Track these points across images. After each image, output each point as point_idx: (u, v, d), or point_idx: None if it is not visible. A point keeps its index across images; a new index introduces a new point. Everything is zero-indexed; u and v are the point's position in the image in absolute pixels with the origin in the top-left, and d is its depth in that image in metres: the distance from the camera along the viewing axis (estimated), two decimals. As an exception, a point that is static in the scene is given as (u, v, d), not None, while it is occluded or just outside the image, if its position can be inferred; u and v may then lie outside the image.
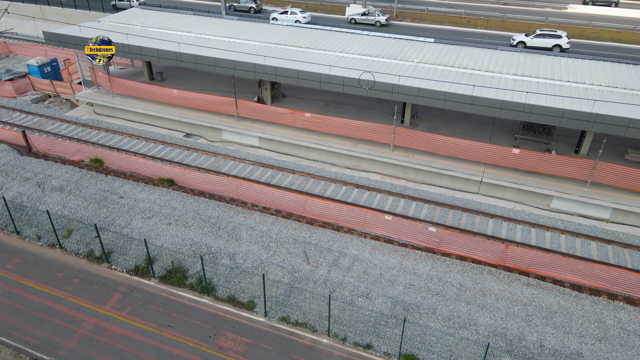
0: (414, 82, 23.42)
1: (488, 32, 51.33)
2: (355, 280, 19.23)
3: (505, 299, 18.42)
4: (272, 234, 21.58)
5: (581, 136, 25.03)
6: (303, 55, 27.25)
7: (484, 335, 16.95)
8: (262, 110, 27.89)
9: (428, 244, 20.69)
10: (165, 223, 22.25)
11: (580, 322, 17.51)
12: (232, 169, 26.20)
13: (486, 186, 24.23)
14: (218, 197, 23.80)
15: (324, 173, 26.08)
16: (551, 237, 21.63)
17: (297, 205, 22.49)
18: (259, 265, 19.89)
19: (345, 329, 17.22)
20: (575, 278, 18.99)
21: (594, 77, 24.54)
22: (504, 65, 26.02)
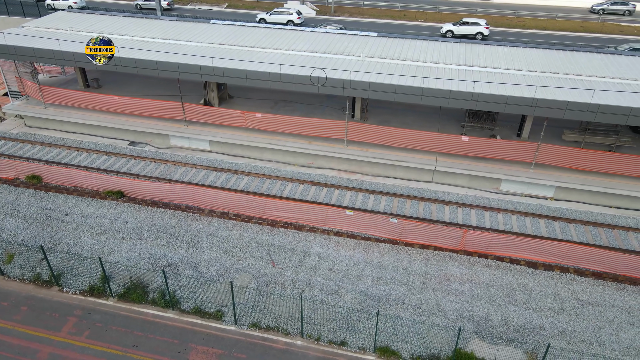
0: (364, 77, 23.63)
1: (424, 25, 52.88)
2: (323, 278, 19.17)
3: (468, 282, 19.07)
4: (234, 239, 21.06)
5: (522, 120, 26.33)
6: (249, 54, 26.72)
7: (453, 320, 17.45)
8: (211, 113, 27.11)
9: (390, 236, 20.99)
10: (119, 238, 21.10)
11: (539, 297, 18.45)
12: (185, 176, 25.29)
13: (439, 174, 24.94)
14: (173, 206, 22.89)
15: (280, 173, 25.78)
16: (504, 219, 22.63)
17: (257, 208, 22.06)
18: (224, 273, 19.34)
19: (318, 329, 17.12)
20: (530, 256, 19.98)
21: (530, 63, 25.83)
22: (447, 56, 26.82)
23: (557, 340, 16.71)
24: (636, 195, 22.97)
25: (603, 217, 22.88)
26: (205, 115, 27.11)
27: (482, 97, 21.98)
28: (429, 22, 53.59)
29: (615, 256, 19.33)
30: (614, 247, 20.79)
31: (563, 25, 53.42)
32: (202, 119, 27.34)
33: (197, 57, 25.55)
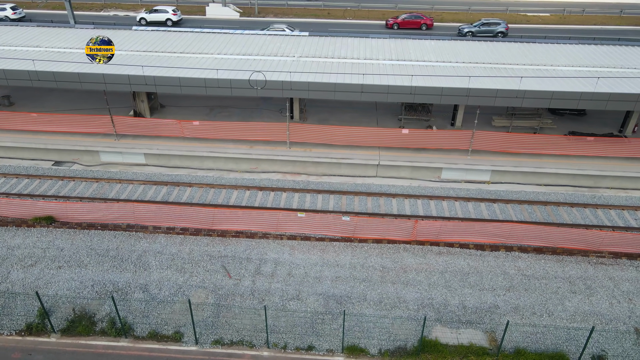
0: (302, 77, 23.47)
1: (350, 22, 53.69)
2: (282, 284, 18.80)
3: (424, 271, 19.55)
4: (184, 255, 20.09)
5: (454, 110, 27.48)
6: (180, 60, 25.62)
7: (414, 310, 17.80)
8: (144, 124, 25.69)
9: (344, 234, 21.02)
10: (54, 267, 19.37)
11: (490, 277, 19.32)
12: (121, 193, 23.76)
13: (383, 168, 25.39)
14: (112, 227, 21.41)
15: (224, 181, 24.98)
16: (448, 206, 23.46)
17: (204, 219, 21.19)
18: (178, 291, 18.38)
19: (284, 337, 16.76)
20: (477, 239, 20.86)
21: (457, 55, 26.99)
22: (379, 52, 27.36)
23: (511, 316, 17.58)
24: (562, 172, 24.74)
25: (535, 195, 24.40)
26: (138, 127, 25.64)
27: (420, 90, 22.64)
28: (356, 20, 54.52)
29: (551, 230, 20.69)
30: (549, 222, 22.25)
31: (475, 18, 56.46)
32: (134, 132, 25.84)
33: (124, 67, 24.07)
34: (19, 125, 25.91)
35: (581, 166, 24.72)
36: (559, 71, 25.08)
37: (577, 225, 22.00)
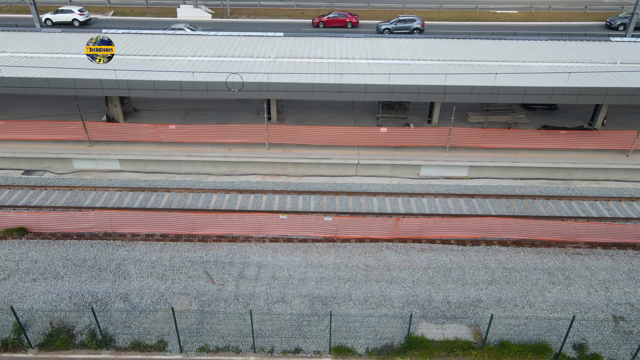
0: (279, 78, 23.30)
1: (281, 21, 53.67)
2: (267, 287, 18.62)
3: (407, 268, 19.66)
4: (165, 262, 19.68)
5: (431, 107, 27.75)
6: (153, 64, 25.10)
7: (399, 307, 17.88)
8: (118, 129, 25.09)
9: (327, 234, 20.98)
10: (29, 280, 18.71)
11: (472, 271, 19.57)
12: (97, 201, 23.14)
13: (363, 167, 25.44)
14: (89, 236, 20.82)
15: (202, 185, 24.62)
16: (428, 203, 23.68)
17: (184, 225, 20.83)
18: (160, 299, 17.98)
19: (270, 340, 16.60)
20: (457, 234, 21.12)
21: (431, 53, 27.25)
22: (355, 51, 27.40)
23: (494, 309, 17.84)
24: (536, 166, 25.25)
25: (512, 189, 24.86)
26: (112, 132, 25.02)
27: (397, 88, 22.77)
28: (288, 19, 54.50)
29: (529, 223, 21.10)
30: (526, 215, 22.70)
31: (447, 16, 57.32)
32: (108, 137, 25.20)
33: (96, 71, 23.42)
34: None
35: (555, 159, 25.30)
36: (530, 67, 25.61)
37: (553, 217, 22.52)
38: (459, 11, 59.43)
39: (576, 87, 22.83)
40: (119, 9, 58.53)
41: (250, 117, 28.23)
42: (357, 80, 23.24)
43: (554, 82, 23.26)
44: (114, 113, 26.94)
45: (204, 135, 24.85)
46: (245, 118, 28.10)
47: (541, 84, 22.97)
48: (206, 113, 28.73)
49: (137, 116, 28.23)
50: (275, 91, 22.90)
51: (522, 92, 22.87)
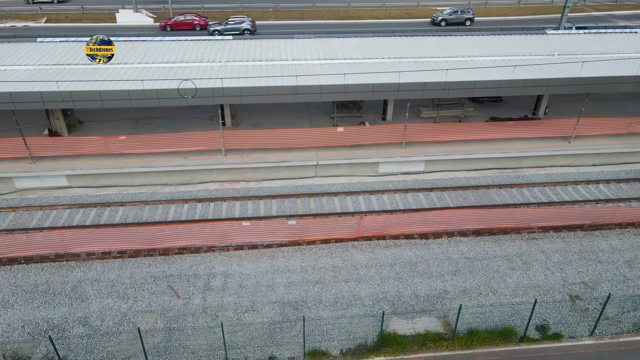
0: (232, 82, 22.83)
1: (276, 23, 53.29)
2: (235, 297, 18.22)
3: (374, 266, 19.84)
4: (125, 280, 18.82)
5: (384, 105, 28.15)
6: (97, 72, 23.91)
7: (370, 306, 18.01)
8: (63, 143, 23.73)
9: (292, 238, 20.80)
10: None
11: (436, 264, 20.02)
12: (44, 221, 21.80)
13: (322, 168, 25.43)
14: (38, 259, 19.56)
15: (159, 196, 23.76)
16: (389, 199, 24.02)
17: (143, 239, 19.98)
18: (123, 319, 17.17)
19: (243, 351, 16.24)
20: (420, 228, 21.54)
21: (382, 51, 27.62)
22: (306, 51, 27.32)
23: (460, 299, 18.33)
24: (488, 157, 26.19)
25: (467, 180, 25.68)
26: (57, 147, 23.64)
27: (352, 87, 22.90)
28: (279, 20, 54.20)
29: (486, 213, 21.82)
30: (482, 205, 23.50)
31: (392, 14, 58.47)
32: (52, 152, 23.77)
33: (35, 83, 22.02)
34: None
35: (504, 149, 26.33)
36: (477, 62, 26.51)
37: (507, 205, 23.45)
38: (402, 9, 60.77)
39: (521, 79, 23.86)
40: (53, 15, 55.49)
41: (203, 123, 27.53)
42: (312, 81, 23.18)
43: (500, 76, 24.18)
44: (57, 126, 25.47)
45: (157, 144, 23.97)
46: (198, 125, 27.39)
47: (489, 78, 23.81)
48: (157, 121, 27.75)
49: (82, 128, 26.84)
50: (230, 96, 22.43)
51: (471, 86, 23.64)
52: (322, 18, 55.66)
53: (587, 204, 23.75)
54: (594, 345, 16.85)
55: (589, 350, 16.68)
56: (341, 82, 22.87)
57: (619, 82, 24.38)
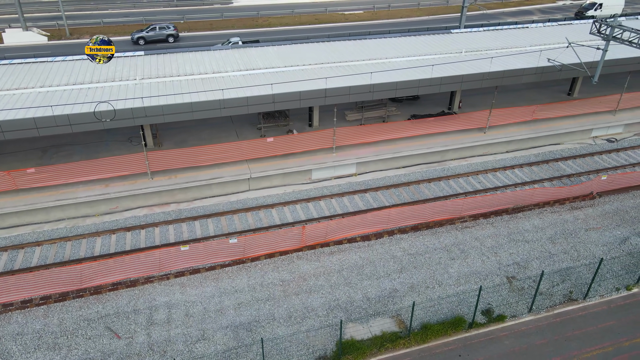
0: (152, 101, 21.55)
1: (195, 34, 51.41)
2: (182, 328, 17.13)
3: (322, 274, 19.69)
4: (53, 328, 16.95)
5: (310, 111, 28.19)
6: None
7: (324, 315, 17.81)
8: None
9: (235, 257, 20.03)
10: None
11: (382, 264, 20.33)
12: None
13: (255, 181, 24.85)
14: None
15: (80, 230, 21.80)
16: (326, 205, 24.03)
17: (69, 280, 18.14)
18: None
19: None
20: (361, 230, 21.76)
21: (300, 58, 27.58)
22: (225, 63, 26.60)
23: (409, 295, 18.76)
24: (414, 153, 27.17)
25: (398, 178, 26.45)
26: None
27: (280, 97, 22.62)
28: (188, 32, 52.35)
29: (420, 208, 22.55)
30: (416, 201, 24.31)
31: (301, 20, 59.02)
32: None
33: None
34: None
35: (428, 144, 27.49)
36: (395, 63, 27.43)
37: (439, 198, 24.49)
38: (311, 14, 61.57)
39: (438, 77, 25.07)
40: None
41: (122, 146, 25.74)
42: (237, 93, 22.56)
43: (418, 75, 25.20)
44: (-53, 165, 22.43)
45: (72, 174, 21.96)
46: (117, 148, 25.55)
47: (409, 78, 24.72)
48: (68, 149, 25.46)
49: (-21, 164, 23.89)
50: (152, 116, 21.14)
51: (394, 87, 24.40)
52: (232, 27, 54.75)
53: (507, 189, 25.49)
54: (533, 321, 18.03)
55: (530, 327, 17.81)
56: (268, 92, 22.49)
57: (522, 74, 26.49)
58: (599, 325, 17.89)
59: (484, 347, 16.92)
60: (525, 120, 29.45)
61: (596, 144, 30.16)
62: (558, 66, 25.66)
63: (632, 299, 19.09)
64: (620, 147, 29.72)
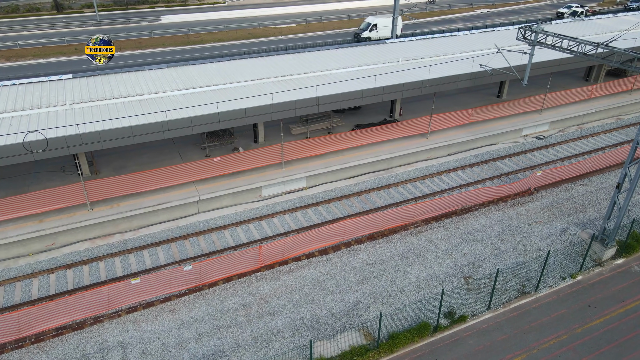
0: (87, 127, 20.19)
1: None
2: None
3: (283, 293, 19.20)
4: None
5: (254, 127, 27.70)
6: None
7: (290, 336, 17.33)
8: None
9: (190, 284, 19.07)
10: None
11: (343, 276, 20.18)
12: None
13: (204, 202, 23.95)
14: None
15: (13, 272, 19.89)
16: (279, 222, 23.60)
17: (5, 329, 16.39)
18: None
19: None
20: (318, 245, 21.53)
21: (241, 74, 27.12)
22: (163, 83, 25.57)
23: (374, 306, 18.72)
24: (362, 163, 27.41)
25: (348, 188, 26.54)
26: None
27: (225, 115, 22.00)
28: (125, 51, 49.99)
29: (374, 216, 22.69)
30: (368, 210, 24.48)
31: (234, 35, 58.36)
32: None
33: None
34: None
35: (375, 153, 27.88)
36: (336, 74, 27.65)
37: (390, 205, 24.82)
38: (244, 29, 61.08)
39: (380, 87, 25.54)
40: None
41: (54, 176, 23.90)
42: (180, 114, 21.68)
43: (361, 85, 25.54)
44: None
45: (0, 211, 20.01)
46: (48, 179, 23.68)
47: (353, 89, 24.99)
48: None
49: None
50: (88, 143, 19.75)
51: (338, 99, 24.55)
52: (162, 45, 53.03)
53: (453, 191, 26.35)
54: (492, 318, 18.59)
55: (490, 324, 18.34)
56: (213, 111, 21.80)
57: (458, 80, 27.63)
58: (551, 315, 18.75)
59: (451, 350, 17.18)
60: (463, 124, 30.72)
61: (527, 142, 32.02)
62: (489, 71, 27.03)
63: (578, 286, 20.25)
64: (548, 143, 31.75)
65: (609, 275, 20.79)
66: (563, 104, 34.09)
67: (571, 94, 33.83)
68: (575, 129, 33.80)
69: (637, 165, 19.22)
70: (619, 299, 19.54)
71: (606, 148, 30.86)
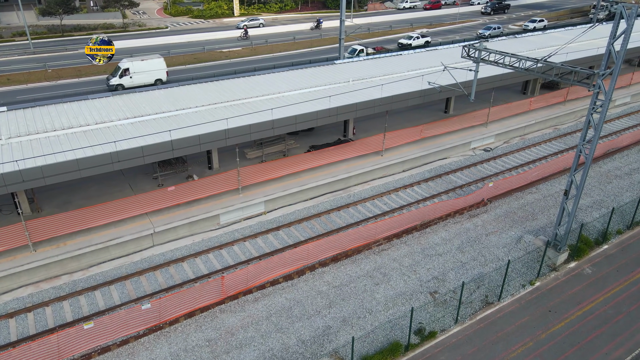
0: (27, 163, 18.79)
1: (52, 84, 46.59)
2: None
3: (250, 324, 18.47)
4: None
5: (208, 153, 26.98)
6: None
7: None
8: None
9: (150, 324, 17.94)
10: None
11: (310, 302, 19.71)
12: None
13: (160, 235, 22.85)
14: None
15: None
16: (240, 249, 22.88)
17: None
18: None
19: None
20: (282, 271, 20.98)
21: (190, 100, 26.47)
22: (109, 112, 24.47)
23: (343, 329, 18.36)
24: (320, 184, 27.26)
25: (307, 210, 26.24)
26: None
27: (178, 143, 21.24)
28: (64, 80, 47.62)
29: (336, 238, 22.46)
30: (330, 231, 24.25)
31: (180, 60, 57.33)
32: None
33: None
34: None
35: (332, 173, 27.84)
36: (288, 97, 27.56)
37: (351, 225, 24.73)
38: (190, 54, 60.12)
39: (334, 107, 25.66)
40: None
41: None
42: (129, 144, 20.71)
43: (315, 107, 25.54)
44: None
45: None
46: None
47: (307, 110, 24.93)
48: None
49: None
50: (29, 180, 18.37)
51: (294, 121, 24.39)
52: (104, 72, 51.07)
53: (411, 206, 26.68)
54: (461, 332, 18.72)
55: (459, 337, 18.44)
56: (166, 139, 20.99)
57: (408, 97, 28.29)
58: (516, 324, 19.14)
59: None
60: (415, 140, 31.40)
61: (476, 155, 33.16)
62: (438, 88, 27.88)
63: (537, 292, 20.85)
64: (495, 155, 33.03)
65: (564, 280, 21.57)
66: (506, 117, 35.73)
67: (513, 107, 35.54)
68: (518, 139, 35.40)
69: (582, 172, 20.23)
70: (576, 302, 20.27)
71: (548, 157, 32.48)
